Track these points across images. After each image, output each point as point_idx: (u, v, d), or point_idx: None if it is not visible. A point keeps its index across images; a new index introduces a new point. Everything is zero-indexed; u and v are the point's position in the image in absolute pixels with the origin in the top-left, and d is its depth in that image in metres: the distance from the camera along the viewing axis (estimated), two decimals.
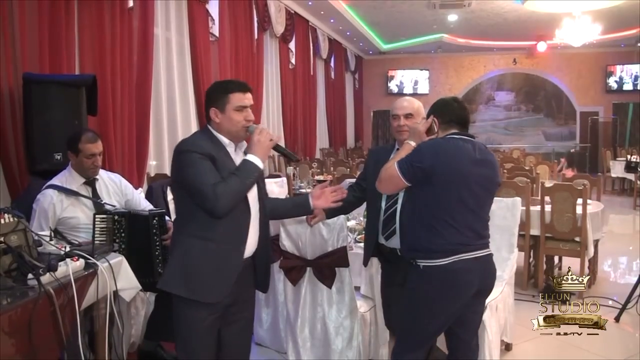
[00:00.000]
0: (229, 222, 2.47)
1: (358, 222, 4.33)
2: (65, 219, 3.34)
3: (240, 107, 2.56)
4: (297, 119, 12.63)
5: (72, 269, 2.44)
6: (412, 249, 2.76)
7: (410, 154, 2.75)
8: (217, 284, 2.49)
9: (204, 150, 2.46)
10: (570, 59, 18.14)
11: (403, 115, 3.16)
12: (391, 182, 2.76)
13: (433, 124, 2.83)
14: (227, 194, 2.41)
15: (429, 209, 2.67)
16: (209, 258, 2.49)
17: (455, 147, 2.68)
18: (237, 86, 2.59)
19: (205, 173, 2.41)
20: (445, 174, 2.62)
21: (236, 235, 2.52)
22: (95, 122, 5.29)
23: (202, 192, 2.38)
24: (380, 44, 17.82)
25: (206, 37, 8.05)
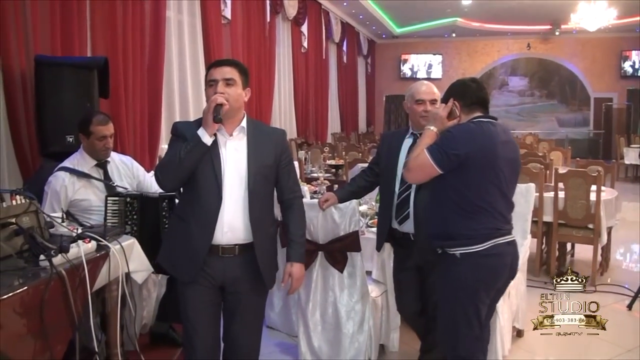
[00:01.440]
0: (199, 203, 2.46)
1: (370, 207, 4.32)
2: (77, 201, 3.35)
3: (209, 81, 2.51)
4: (308, 103, 12.59)
5: (83, 251, 2.44)
6: (443, 237, 2.67)
7: (441, 141, 2.62)
8: (186, 263, 2.51)
9: (178, 132, 2.51)
10: (585, 44, 17.93)
11: (429, 101, 3.15)
12: (422, 171, 2.64)
13: (454, 107, 2.72)
14: (161, 165, 2.49)
15: (463, 194, 2.59)
16: (181, 237, 2.52)
17: (488, 131, 2.61)
18: (213, 63, 2.58)
19: (168, 153, 2.47)
20: (481, 159, 2.56)
21: (204, 217, 2.46)
22: (107, 105, 5.27)
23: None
24: (393, 28, 17.69)
25: (218, 20, 8.01)
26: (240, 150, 2.52)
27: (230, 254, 2.50)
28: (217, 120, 2.37)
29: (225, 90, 2.43)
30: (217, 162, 2.46)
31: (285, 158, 2.64)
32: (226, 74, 2.47)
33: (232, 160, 2.50)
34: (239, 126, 2.54)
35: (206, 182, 2.45)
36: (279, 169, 2.62)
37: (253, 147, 2.53)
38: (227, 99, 2.41)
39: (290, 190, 2.69)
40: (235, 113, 2.50)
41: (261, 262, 2.54)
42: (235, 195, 2.48)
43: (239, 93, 2.50)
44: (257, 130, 2.60)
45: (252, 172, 2.50)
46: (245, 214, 2.49)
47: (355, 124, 17.33)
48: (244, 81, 2.53)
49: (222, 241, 2.47)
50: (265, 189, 2.58)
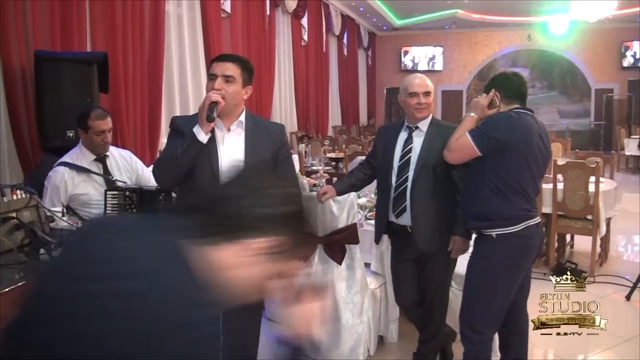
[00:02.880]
0: None
1: (369, 200, 4.34)
2: (76, 195, 3.37)
3: (210, 74, 2.52)
4: (309, 96, 12.59)
5: None
6: (481, 218, 2.84)
7: (483, 125, 2.84)
8: None
9: (176, 126, 2.54)
10: (586, 35, 17.82)
11: (422, 94, 3.15)
12: (463, 152, 2.85)
13: (495, 97, 2.93)
14: (159, 162, 2.54)
15: (501, 177, 2.77)
16: None
17: (526, 121, 2.81)
18: (216, 57, 2.60)
19: (166, 148, 2.50)
20: (518, 146, 2.76)
21: None
22: (107, 100, 5.30)
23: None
24: (393, 20, 17.64)
25: (218, 13, 8.02)
26: (237, 144, 2.53)
27: None
28: (210, 119, 2.38)
29: (223, 87, 2.44)
30: (215, 158, 2.48)
31: (283, 152, 2.66)
32: (226, 71, 2.47)
33: (230, 155, 2.51)
34: (237, 121, 2.56)
35: (203, 177, 2.46)
36: (278, 164, 2.63)
37: (250, 141, 2.55)
38: (223, 97, 2.42)
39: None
40: (232, 110, 2.52)
41: None
42: None
43: (237, 90, 2.50)
44: (256, 124, 2.61)
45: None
46: None
47: (356, 117, 17.33)
48: (245, 79, 2.53)
49: None
50: None
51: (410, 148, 3.19)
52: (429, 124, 3.21)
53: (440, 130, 3.19)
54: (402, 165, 3.19)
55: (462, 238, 3.14)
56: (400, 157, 3.20)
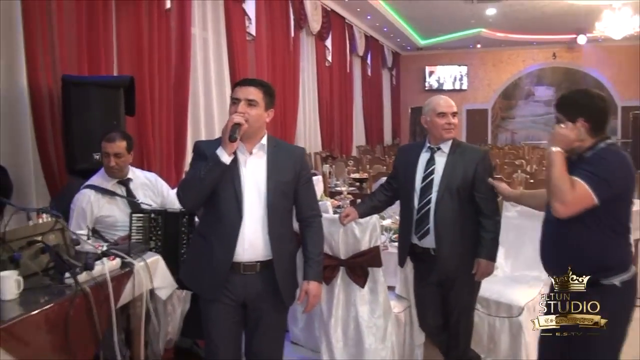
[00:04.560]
0: (221, 221, 2.50)
1: (394, 221, 4.30)
2: (102, 217, 3.41)
3: (233, 99, 2.54)
4: (333, 117, 12.63)
5: (108, 268, 2.49)
6: (601, 267, 2.41)
7: (595, 169, 2.35)
8: (209, 281, 2.54)
9: (199, 150, 2.57)
10: (611, 52, 17.67)
11: (451, 114, 3.14)
12: (581, 205, 2.33)
13: (581, 128, 2.45)
14: (183, 185, 2.54)
15: (615, 219, 2.42)
16: (203, 254, 2.56)
17: (629, 157, 2.44)
18: (239, 81, 2.63)
19: (189, 172, 2.54)
20: (632, 185, 2.47)
21: (225, 234, 2.49)
22: (134, 123, 5.36)
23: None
24: (417, 40, 17.67)
25: (243, 37, 8.11)
26: (259, 167, 2.55)
27: (251, 272, 2.52)
28: (232, 139, 2.39)
29: (246, 110, 2.46)
30: (237, 180, 2.49)
31: (304, 175, 2.66)
32: (249, 95, 2.50)
33: (252, 178, 2.53)
34: (258, 144, 2.57)
35: (227, 199, 2.48)
36: (298, 186, 2.64)
37: (272, 163, 2.56)
38: (246, 120, 2.44)
39: (310, 208, 2.71)
40: (254, 133, 2.53)
41: (280, 279, 2.55)
42: (255, 212, 2.51)
43: (260, 114, 2.52)
44: (277, 147, 2.63)
45: (271, 188, 2.52)
46: (264, 231, 2.51)
47: (380, 137, 17.31)
48: (267, 102, 2.55)
49: (243, 258, 2.50)
50: (284, 205, 2.60)
51: (433, 169, 3.15)
52: (450, 145, 3.18)
53: (462, 151, 3.16)
54: (424, 187, 3.14)
55: (487, 261, 3.09)
56: (423, 179, 3.16)
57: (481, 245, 3.09)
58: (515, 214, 4.15)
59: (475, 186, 3.09)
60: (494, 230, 3.13)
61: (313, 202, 2.76)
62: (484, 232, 3.10)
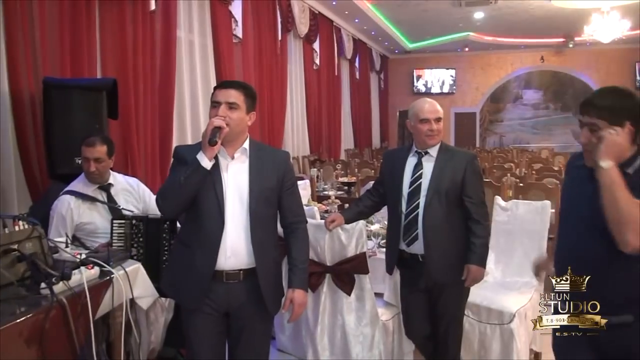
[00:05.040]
0: (202, 228, 2.41)
1: (382, 226, 4.23)
2: (82, 224, 3.32)
3: (213, 102, 2.47)
4: (321, 120, 12.58)
5: (86, 278, 2.40)
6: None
7: None
8: (190, 290, 2.46)
9: (179, 155, 2.50)
10: (599, 55, 17.80)
11: (434, 120, 3.08)
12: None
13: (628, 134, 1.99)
14: (162, 192, 2.45)
15: None
16: (184, 263, 2.48)
17: None
18: (219, 84, 2.56)
19: (169, 178, 2.46)
20: None
21: (207, 242, 2.41)
22: (118, 127, 5.27)
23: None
24: (405, 43, 17.68)
25: (229, 39, 8.03)
26: (241, 172, 2.47)
27: (234, 280, 2.44)
28: (212, 143, 2.32)
29: (226, 113, 2.39)
30: (219, 186, 2.42)
31: (288, 180, 2.59)
32: (230, 97, 2.42)
33: (234, 183, 2.45)
34: (240, 148, 2.50)
35: (208, 206, 2.41)
36: (282, 192, 2.56)
37: (255, 169, 2.48)
38: (227, 123, 2.36)
39: (294, 214, 2.63)
40: (236, 136, 2.46)
41: (264, 288, 2.47)
42: (237, 219, 2.43)
43: (241, 117, 2.45)
44: (260, 151, 2.55)
45: (254, 195, 2.45)
46: (247, 238, 2.43)
47: (368, 140, 17.28)
48: (249, 105, 2.48)
49: (225, 266, 2.42)
50: (268, 211, 2.53)
51: (421, 174, 3.10)
52: (438, 149, 3.14)
53: (450, 155, 3.12)
54: (412, 191, 3.09)
55: (477, 266, 3.03)
56: (410, 184, 3.11)
57: (471, 250, 3.03)
58: (506, 219, 4.10)
59: (464, 190, 3.04)
60: (484, 235, 3.08)
61: (298, 208, 2.68)
62: (474, 237, 3.04)
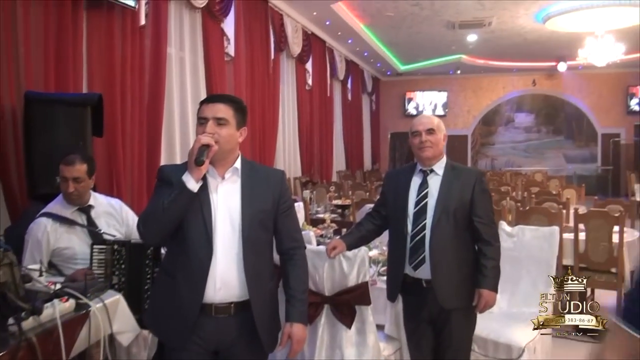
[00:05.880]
0: (188, 257, 2.18)
1: (381, 252, 4.00)
2: (60, 249, 3.07)
3: (200, 118, 2.25)
4: (313, 141, 12.39)
5: (59, 312, 2.15)
6: None
7: None
8: (175, 326, 2.20)
9: (164, 176, 2.26)
10: (591, 79, 17.81)
11: (425, 131, 2.95)
12: None
13: None
14: (144, 217, 2.23)
15: None
16: (168, 295, 2.23)
17: None
18: (206, 98, 2.33)
19: (152, 201, 2.22)
20: None
21: (193, 272, 2.17)
22: (103, 144, 5.06)
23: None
24: (397, 65, 17.61)
25: (221, 57, 7.84)
26: (233, 194, 2.24)
27: (225, 314, 2.20)
28: (199, 162, 2.10)
29: (215, 130, 2.17)
30: (207, 209, 2.19)
31: (284, 202, 2.36)
32: (218, 113, 2.21)
33: (225, 206, 2.22)
34: (231, 167, 2.28)
35: (195, 231, 2.17)
36: (278, 215, 2.34)
37: (248, 189, 2.26)
38: (216, 140, 2.15)
39: (292, 239, 2.41)
40: (226, 155, 2.24)
41: (259, 323, 2.23)
42: (228, 246, 2.19)
43: (231, 134, 2.23)
44: (253, 171, 2.33)
45: (247, 218, 2.22)
46: (239, 267, 2.20)
47: (360, 162, 17.13)
48: (239, 120, 2.27)
49: (214, 299, 2.17)
50: (262, 237, 2.30)
51: (427, 193, 2.96)
52: (444, 166, 3.01)
53: (457, 173, 3.00)
54: (418, 211, 2.94)
55: (489, 291, 2.87)
56: (416, 203, 2.96)
57: (482, 274, 2.89)
58: (512, 245, 3.91)
59: (473, 210, 2.91)
60: (495, 257, 2.94)
61: (295, 232, 2.46)
62: (485, 260, 2.90)
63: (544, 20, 11.83)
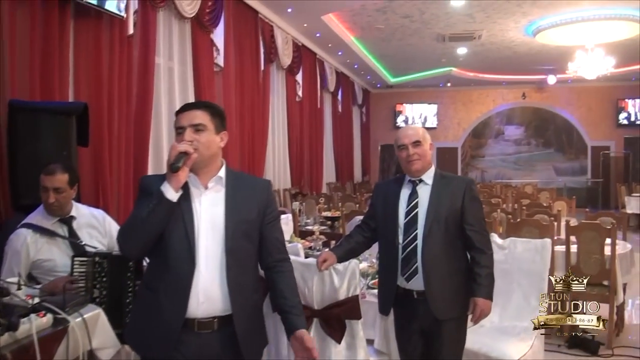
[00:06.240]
0: (170, 270, 2.10)
1: (370, 264, 3.94)
2: (40, 261, 2.98)
3: (177, 128, 2.18)
4: (303, 153, 12.33)
5: (36, 327, 2.07)
6: None
7: None
8: (156, 342, 2.11)
9: (144, 187, 2.19)
10: (580, 92, 17.92)
11: (411, 144, 2.93)
12: None
13: None
14: (123, 229, 2.16)
15: None
16: (149, 310, 2.14)
17: None
18: (180, 107, 2.26)
19: (132, 212, 2.15)
20: None
21: (176, 287, 2.09)
22: (89, 154, 4.98)
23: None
24: (388, 78, 17.63)
25: (210, 67, 7.77)
26: (216, 203, 2.17)
27: (208, 329, 2.11)
28: (174, 169, 2.03)
29: (193, 137, 2.11)
30: (189, 220, 2.11)
31: (270, 212, 2.29)
32: (195, 119, 2.14)
33: (208, 217, 2.14)
34: (215, 176, 2.20)
35: (176, 243, 2.09)
36: (263, 225, 2.27)
37: (232, 199, 2.19)
38: (196, 148, 2.08)
39: (278, 251, 2.33)
40: (208, 162, 2.17)
41: (242, 338, 2.15)
42: (211, 258, 2.12)
43: (211, 139, 2.17)
44: (238, 180, 2.26)
45: (231, 229, 2.15)
46: (222, 280, 2.12)
47: (350, 174, 17.09)
48: (217, 124, 2.20)
49: (197, 314, 2.09)
50: (247, 248, 2.22)
51: (417, 202, 2.93)
52: (433, 175, 2.99)
53: (447, 181, 2.98)
54: (409, 222, 2.91)
55: (485, 299, 2.84)
56: (406, 214, 2.93)
57: (476, 282, 2.86)
58: (503, 257, 3.83)
59: (464, 218, 2.90)
60: (489, 265, 2.92)
61: (282, 245, 2.38)
62: (478, 268, 2.88)
63: (534, 34, 11.88)
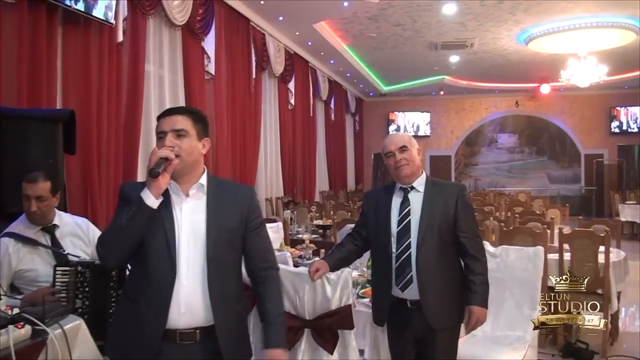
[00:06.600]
0: (150, 280, 2.05)
1: (361, 274, 3.87)
2: (22, 271, 2.91)
3: (158, 133, 2.15)
4: (296, 161, 12.29)
5: (13, 339, 2.00)
6: None
7: None
8: (138, 354, 2.05)
9: (124, 194, 2.15)
10: (574, 101, 17.97)
11: (397, 150, 2.88)
12: None
13: None
14: (102, 237, 2.12)
15: None
16: (129, 321, 2.09)
17: None
18: (162, 112, 2.22)
19: (111, 222, 2.12)
20: None
21: (156, 297, 2.04)
22: (77, 163, 4.91)
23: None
24: (380, 86, 17.63)
25: (201, 75, 7.73)
26: (198, 211, 2.12)
27: (190, 341, 2.06)
28: (154, 174, 1.98)
29: (174, 143, 2.06)
30: (170, 228, 2.06)
31: (254, 219, 2.23)
32: (176, 124, 2.10)
33: (189, 225, 2.09)
34: (196, 183, 2.15)
35: (156, 252, 2.04)
36: (247, 233, 2.21)
37: (213, 207, 2.13)
38: (177, 154, 2.03)
39: (263, 259, 2.27)
40: (190, 169, 2.12)
41: (225, 349, 2.09)
42: (193, 267, 2.06)
43: (193, 145, 2.12)
44: (220, 187, 2.21)
45: (212, 237, 2.09)
46: (204, 290, 2.07)
47: (343, 182, 17.04)
48: (199, 130, 2.16)
49: (179, 325, 2.04)
50: (229, 257, 2.16)
51: (409, 210, 2.88)
52: (425, 182, 2.95)
53: (439, 188, 2.94)
54: (401, 230, 2.86)
55: (480, 307, 2.80)
56: (399, 222, 2.88)
57: (471, 290, 2.82)
58: (495, 266, 3.77)
59: (457, 225, 2.86)
60: (483, 272, 2.87)
61: (266, 252, 2.32)
62: (473, 276, 2.83)
63: (527, 42, 11.90)
